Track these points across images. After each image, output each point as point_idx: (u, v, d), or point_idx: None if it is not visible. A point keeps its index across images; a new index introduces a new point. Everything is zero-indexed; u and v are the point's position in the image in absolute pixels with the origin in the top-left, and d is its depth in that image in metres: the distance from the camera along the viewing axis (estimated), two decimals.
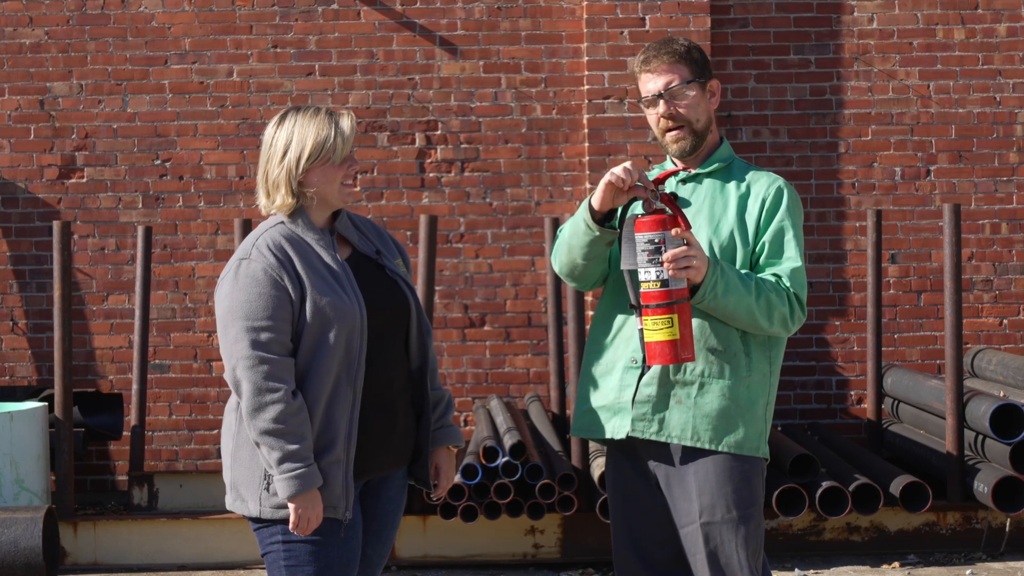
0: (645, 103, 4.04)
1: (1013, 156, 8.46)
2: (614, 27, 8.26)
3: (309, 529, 3.76)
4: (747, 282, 3.89)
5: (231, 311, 3.78)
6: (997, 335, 8.47)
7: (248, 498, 3.83)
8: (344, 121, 3.89)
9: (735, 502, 3.94)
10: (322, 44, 8.40)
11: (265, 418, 3.71)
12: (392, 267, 4.01)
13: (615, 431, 4.00)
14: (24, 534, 6.30)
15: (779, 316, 3.93)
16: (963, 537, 7.13)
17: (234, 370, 3.76)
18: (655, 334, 3.81)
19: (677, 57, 4.00)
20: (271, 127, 3.92)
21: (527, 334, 8.41)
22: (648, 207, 3.83)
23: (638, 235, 3.83)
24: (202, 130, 8.40)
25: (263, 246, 3.83)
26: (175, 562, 7.14)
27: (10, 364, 8.39)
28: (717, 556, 3.93)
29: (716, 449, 3.94)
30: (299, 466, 3.71)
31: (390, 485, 4.01)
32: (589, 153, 8.28)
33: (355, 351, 3.82)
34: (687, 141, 4.02)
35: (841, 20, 8.48)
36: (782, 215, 4.02)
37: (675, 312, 3.79)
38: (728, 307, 3.87)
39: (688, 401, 3.94)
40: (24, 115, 8.38)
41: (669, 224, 3.81)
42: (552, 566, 7.08)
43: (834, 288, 8.47)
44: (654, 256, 3.80)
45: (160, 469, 8.22)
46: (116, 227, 8.39)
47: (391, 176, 8.41)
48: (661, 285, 3.79)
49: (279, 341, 3.75)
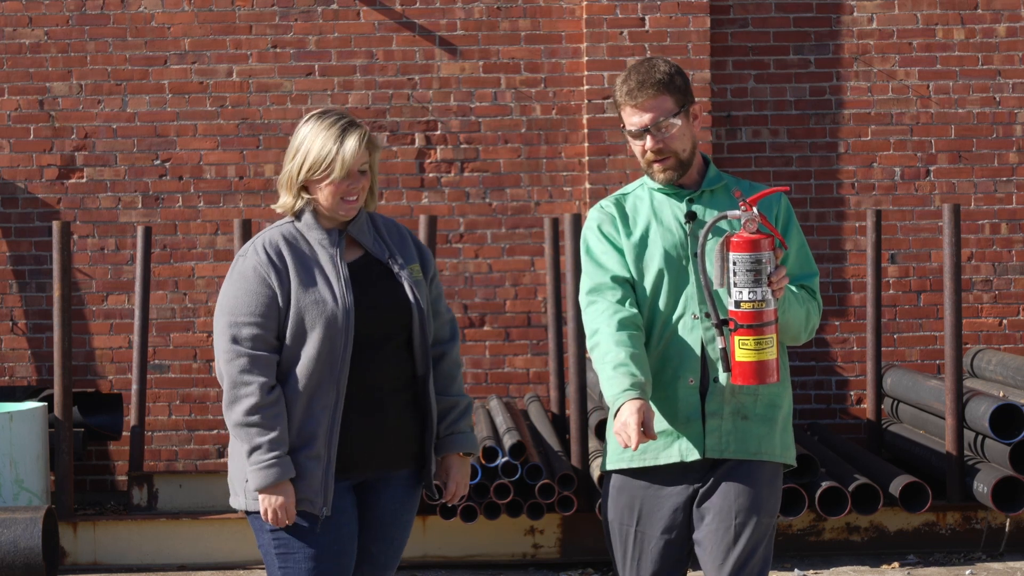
0: (630, 135, 4.00)
1: (1013, 156, 8.46)
2: (614, 27, 8.26)
3: (281, 521, 3.83)
4: (800, 297, 3.96)
5: (220, 306, 3.91)
6: (997, 335, 8.47)
7: (238, 492, 3.94)
8: (350, 142, 3.88)
9: (768, 507, 3.98)
10: (322, 44, 8.40)
11: (238, 410, 3.82)
12: (401, 272, 4.01)
13: (685, 454, 3.94)
14: (24, 534, 6.30)
15: (812, 327, 4.03)
16: (963, 537, 7.12)
17: (217, 363, 3.88)
18: (752, 354, 3.79)
19: (661, 88, 3.93)
20: (299, 126, 3.98)
21: (527, 334, 8.41)
22: (751, 227, 3.79)
23: (741, 255, 3.77)
24: (202, 130, 8.40)
25: (259, 244, 3.92)
26: (175, 562, 7.14)
27: (10, 364, 8.39)
28: (743, 556, 3.93)
29: (765, 460, 3.97)
30: (267, 459, 3.80)
31: (392, 485, 4.02)
32: (589, 153, 8.28)
33: (339, 351, 3.85)
34: (673, 172, 3.99)
35: (841, 20, 8.48)
36: (794, 226, 4.05)
37: (774, 332, 3.80)
38: (787, 322, 3.92)
39: (753, 416, 3.96)
40: (24, 115, 8.38)
41: (770, 244, 3.79)
42: (551, 566, 7.08)
43: (834, 288, 8.47)
44: (759, 276, 3.76)
45: (160, 469, 8.22)
46: (116, 227, 8.39)
47: (391, 176, 8.41)
48: (765, 305, 3.78)
49: (260, 337, 3.84)
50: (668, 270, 3.97)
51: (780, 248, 3.83)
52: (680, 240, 3.98)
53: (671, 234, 3.99)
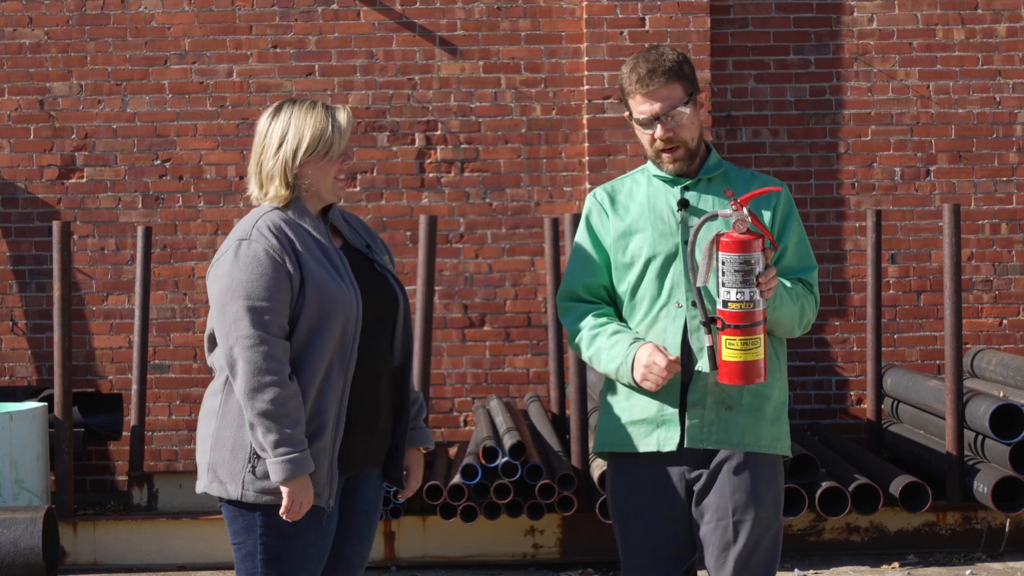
0: (639, 123, 3.98)
1: (1013, 156, 8.46)
2: (614, 27, 8.26)
3: (301, 514, 3.75)
4: (792, 293, 3.92)
5: (230, 290, 3.75)
6: (997, 335, 8.47)
7: (228, 481, 3.80)
8: (340, 115, 3.87)
9: (768, 502, 3.94)
10: (322, 44, 8.40)
11: (264, 399, 3.68)
12: (382, 262, 4.00)
13: (663, 443, 3.93)
14: (24, 534, 6.30)
15: (807, 321, 4.00)
16: (963, 537, 7.12)
17: (231, 349, 3.72)
18: (740, 354, 3.76)
19: (672, 76, 3.93)
20: (265, 118, 3.89)
21: (527, 334, 8.41)
22: (741, 227, 3.76)
23: (731, 255, 3.74)
24: (202, 130, 8.40)
25: (264, 228, 3.80)
26: (175, 562, 7.14)
27: (10, 364, 8.39)
28: (744, 553, 3.92)
29: (755, 452, 3.93)
30: (294, 450, 3.70)
31: (367, 485, 3.99)
32: (589, 153, 8.28)
33: (349, 339, 3.81)
34: (683, 161, 3.98)
35: (841, 20, 8.48)
36: (794, 219, 4.01)
37: (762, 332, 3.77)
38: (778, 319, 3.90)
39: (738, 407, 3.92)
40: (24, 115, 8.38)
41: (760, 245, 3.76)
42: (551, 566, 7.08)
43: (834, 288, 8.47)
44: (748, 277, 3.73)
45: (160, 469, 8.22)
46: (116, 227, 8.39)
47: (391, 176, 8.41)
48: (754, 306, 3.75)
49: (278, 323, 3.73)
50: (656, 257, 3.96)
51: (771, 248, 3.80)
52: (671, 228, 3.97)
53: (662, 221, 3.98)
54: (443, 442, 8.30)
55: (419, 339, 7.04)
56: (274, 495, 3.77)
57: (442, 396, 8.37)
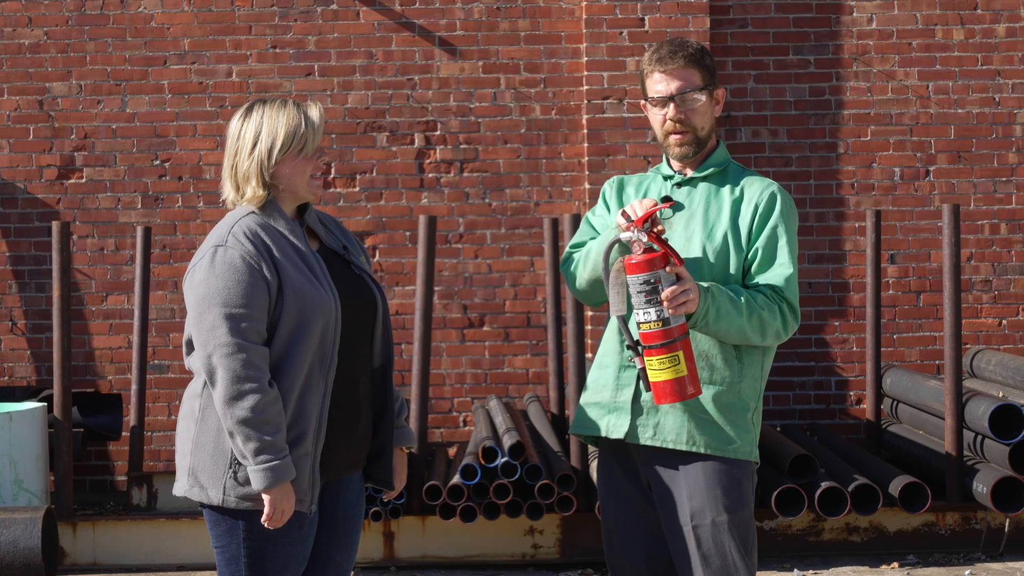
0: (652, 102, 3.99)
1: (1012, 156, 8.46)
2: (613, 27, 8.26)
3: (283, 521, 3.73)
4: (738, 303, 3.84)
5: (207, 298, 3.72)
6: (996, 335, 8.47)
7: (209, 486, 3.78)
8: (312, 112, 3.85)
9: (725, 505, 3.91)
10: (321, 44, 8.40)
11: (243, 407, 3.66)
12: (359, 263, 3.98)
13: (611, 430, 3.98)
14: (23, 534, 6.30)
15: (772, 331, 3.91)
16: (962, 537, 7.13)
17: (210, 357, 3.70)
18: (662, 373, 3.74)
19: (692, 61, 3.96)
20: (237, 119, 3.86)
21: (526, 334, 8.41)
22: (638, 248, 3.74)
23: (631, 277, 3.74)
24: (201, 130, 8.40)
25: (239, 233, 3.77)
26: (174, 562, 7.14)
27: (9, 364, 8.39)
28: (709, 559, 3.91)
29: (709, 454, 3.92)
30: (275, 457, 3.68)
31: (348, 489, 3.98)
32: (588, 153, 8.28)
33: (329, 343, 3.79)
34: (690, 147, 3.99)
35: (840, 20, 8.48)
36: (775, 221, 3.94)
37: (680, 349, 3.73)
38: (720, 331, 3.85)
39: (681, 406, 3.90)
40: (23, 115, 8.38)
41: (661, 262, 3.73)
42: (551, 566, 7.08)
43: (833, 288, 8.47)
44: (652, 296, 3.71)
45: (159, 469, 8.22)
46: (115, 227, 8.39)
47: (390, 176, 8.41)
48: (663, 324, 3.71)
49: (256, 329, 3.71)
50: None
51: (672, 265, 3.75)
52: None
53: None
54: (442, 442, 8.30)
55: (418, 339, 7.04)
56: (256, 501, 3.75)
57: (441, 396, 8.37)
